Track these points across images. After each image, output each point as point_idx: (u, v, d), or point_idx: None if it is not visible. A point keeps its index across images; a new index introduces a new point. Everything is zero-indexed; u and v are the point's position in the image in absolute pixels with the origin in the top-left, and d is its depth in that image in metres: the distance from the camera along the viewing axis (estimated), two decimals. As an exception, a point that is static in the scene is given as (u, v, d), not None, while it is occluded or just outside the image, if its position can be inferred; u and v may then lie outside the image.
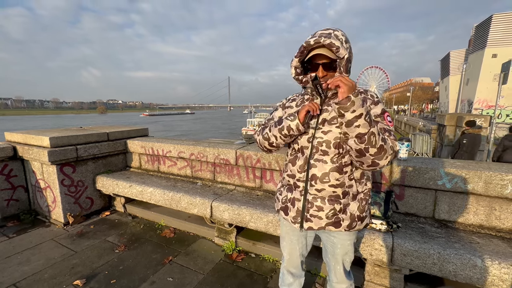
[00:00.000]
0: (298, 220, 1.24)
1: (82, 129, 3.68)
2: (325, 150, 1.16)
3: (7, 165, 3.06)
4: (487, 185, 1.85)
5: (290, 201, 1.27)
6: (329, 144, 1.15)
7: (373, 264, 1.89)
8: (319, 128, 1.18)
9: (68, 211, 2.99)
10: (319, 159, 1.17)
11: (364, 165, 1.09)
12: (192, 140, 3.52)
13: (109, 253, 2.45)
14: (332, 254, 1.34)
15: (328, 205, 1.18)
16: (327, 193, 1.17)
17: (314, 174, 1.17)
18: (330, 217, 1.19)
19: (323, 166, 1.16)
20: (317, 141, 1.17)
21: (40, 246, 2.56)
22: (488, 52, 21.61)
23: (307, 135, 1.21)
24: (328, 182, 1.16)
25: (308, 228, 1.23)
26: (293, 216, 1.26)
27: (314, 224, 1.21)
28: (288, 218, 1.28)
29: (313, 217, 1.20)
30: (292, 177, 1.26)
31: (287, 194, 1.29)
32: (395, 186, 2.14)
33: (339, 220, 1.20)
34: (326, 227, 1.21)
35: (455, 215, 1.99)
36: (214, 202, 2.46)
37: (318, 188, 1.17)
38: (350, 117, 0.99)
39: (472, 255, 1.55)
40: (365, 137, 1.00)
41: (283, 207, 1.31)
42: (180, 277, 2.12)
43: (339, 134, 1.13)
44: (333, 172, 1.15)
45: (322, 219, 1.19)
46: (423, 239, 1.74)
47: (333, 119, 1.15)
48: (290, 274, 1.48)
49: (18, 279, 2.07)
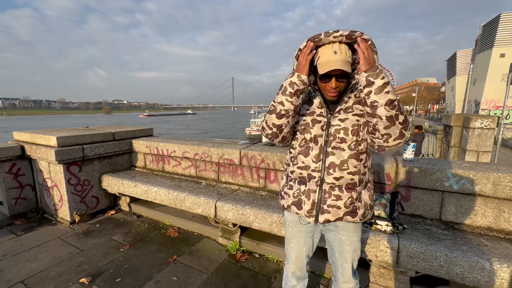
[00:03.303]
0: (313, 213, 1.22)
1: (88, 128, 3.73)
2: (343, 137, 1.16)
3: (15, 164, 3.11)
4: (496, 187, 1.82)
5: (304, 193, 1.23)
6: (347, 131, 1.15)
7: (379, 265, 1.87)
8: (334, 116, 1.17)
9: (75, 210, 3.03)
10: (337, 146, 1.16)
11: (391, 138, 1.06)
12: (196, 140, 3.54)
13: (114, 252, 2.47)
14: (340, 252, 1.33)
15: (346, 193, 1.18)
16: (345, 181, 1.17)
17: (333, 162, 1.16)
18: (348, 205, 1.19)
19: (341, 153, 1.16)
20: (334, 129, 1.16)
21: (47, 244, 2.59)
22: (496, 52, 21.24)
23: (320, 124, 1.20)
24: (347, 169, 1.16)
25: (324, 221, 1.21)
26: (307, 209, 1.23)
27: (331, 216, 1.19)
28: (302, 213, 1.25)
29: (330, 208, 1.19)
30: (305, 168, 1.22)
31: (299, 187, 1.25)
32: (401, 187, 2.12)
33: (356, 208, 1.20)
34: (343, 217, 1.20)
35: (462, 217, 1.96)
36: (218, 202, 2.47)
37: (337, 176, 1.17)
38: (380, 83, 1.00)
39: (480, 258, 1.53)
40: (395, 103, 1.01)
41: (296, 201, 1.26)
42: (184, 276, 2.13)
43: (356, 122, 1.15)
44: (351, 159, 1.16)
45: (341, 209, 1.18)
46: (429, 241, 1.72)
47: (348, 108, 1.17)
48: (294, 277, 1.46)
49: (26, 277, 2.10)
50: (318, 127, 1.20)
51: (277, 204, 2.39)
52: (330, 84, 1.12)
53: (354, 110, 1.17)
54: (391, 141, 1.07)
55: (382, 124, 1.04)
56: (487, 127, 6.62)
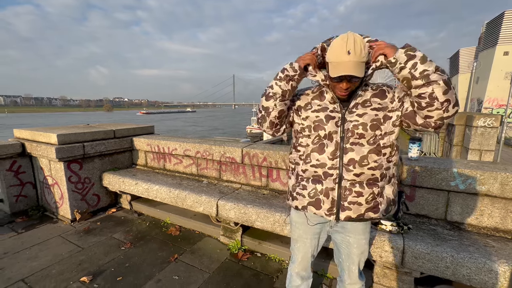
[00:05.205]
0: (333, 212, 1.18)
1: (89, 126, 3.70)
2: (361, 133, 1.11)
3: (15, 161, 3.10)
4: (503, 187, 1.78)
5: (322, 192, 1.18)
6: (365, 127, 1.11)
7: (383, 266, 1.84)
8: (351, 112, 1.13)
9: (75, 208, 3.01)
10: (355, 142, 1.12)
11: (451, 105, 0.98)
12: (197, 138, 3.51)
13: (115, 250, 2.45)
14: (347, 254, 1.30)
15: (367, 189, 1.14)
16: (366, 177, 1.14)
17: (352, 158, 1.12)
18: (370, 201, 1.15)
19: (361, 149, 1.12)
20: (352, 125, 1.12)
21: (48, 242, 2.58)
22: (500, 50, 21.04)
23: (334, 120, 1.15)
24: (367, 164, 1.12)
25: (345, 218, 1.17)
26: (327, 208, 1.18)
27: (352, 212, 1.16)
28: (321, 212, 1.20)
29: (352, 204, 1.15)
30: (320, 166, 1.17)
31: (315, 186, 1.19)
32: (406, 186, 2.09)
33: (378, 204, 1.16)
34: (365, 213, 1.16)
35: (468, 217, 1.93)
36: (220, 201, 2.44)
37: (357, 173, 1.13)
38: (421, 54, 0.97)
39: (487, 259, 1.50)
40: (441, 68, 0.97)
41: (313, 201, 1.20)
42: (185, 275, 2.11)
43: (375, 116, 1.12)
44: (371, 154, 1.12)
45: (362, 205, 1.15)
46: (435, 241, 1.69)
47: (366, 102, 1.13)
48: (298, 277, 1.44)
49: (27, 275, 2.09)
50: (332, 123, 1.15)
51: (280, 203, 2.36)
52: (341, 85, 1.08)
53: (372, 104, 1.13)
54: (451, 108, 0.99)
55: (440, 90, 0.96)
56: (490, 126, 6.56)
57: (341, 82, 1.07)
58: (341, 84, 1.08)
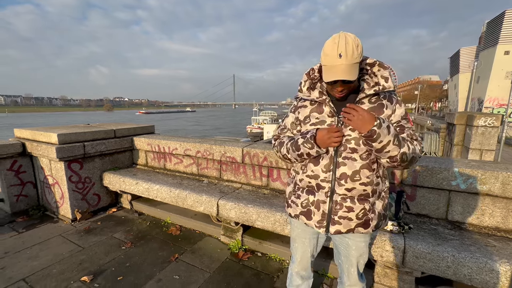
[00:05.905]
0: (323, 224, 1.18)
1: (89, 126, 3.70)
2: (354, 147, 1.10)
3: (16, 161, 3.10)
4: (505, 186, 1.78)
5: (314, 204, 1.19)
6: (358, 142, 1.10)
7: (383, 265, 1.84)
8: (346, 126, 1.12)
9: (76, 207, 3.01)
10: (348, 156, 1.11)
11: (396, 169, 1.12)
12: (198, 138, 3.51)
13: (116, 250, 2.45)
14: (346, 256, 1.30)
15: (359, 205, 1.14)
16: (357, 192, 1.13)
17: (344, 172, 1.12)
18: (361, 217, 1.15)
19: (353, 163, 1.11)
20: (345, 139, 1.11)
21: (48, 242, 2.58)
22: (500, 49, 21.00)
23: None
24: (359, 180, 1.12)
25: (335, 232, 1.17)
26: (317, 220, 1.19)
27: (342, 227, 1.16)
28: (312, 223, 1.21)
29: (342, 219, 1.15)
30: (314, 177, 1.18)
31: (308, 197, 1.21)
32: (406, 186, 2.08)
33: (369, 220, 1.16)
34: (355, 228, 1.16)
35: (469, 216, 1.93)
36: (220, 200, 2.44)
37: (349, 188, 1.12)
38: (379, 147, 1.02)
39: (488, 259, 1.49)
40: (397, 157, 1.05)
41: (305, 211, 1.22)
42: (186, 275, 2.11)
43: None
44: (363, 170, 1.11)
45: (352, 220, 1.15)
46: (436, 241, 1.69)
47: None
48: (299, 276, 1.44)
49: (27, 274, 2.09)
50: None
51: (280, 202, 2.36)
52: (335, 87, 1.08)
53: None
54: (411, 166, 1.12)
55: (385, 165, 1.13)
56: (491, 125, 6.55)
57: (335, 84, 1.06)
58: (335, 87, 1.08)
